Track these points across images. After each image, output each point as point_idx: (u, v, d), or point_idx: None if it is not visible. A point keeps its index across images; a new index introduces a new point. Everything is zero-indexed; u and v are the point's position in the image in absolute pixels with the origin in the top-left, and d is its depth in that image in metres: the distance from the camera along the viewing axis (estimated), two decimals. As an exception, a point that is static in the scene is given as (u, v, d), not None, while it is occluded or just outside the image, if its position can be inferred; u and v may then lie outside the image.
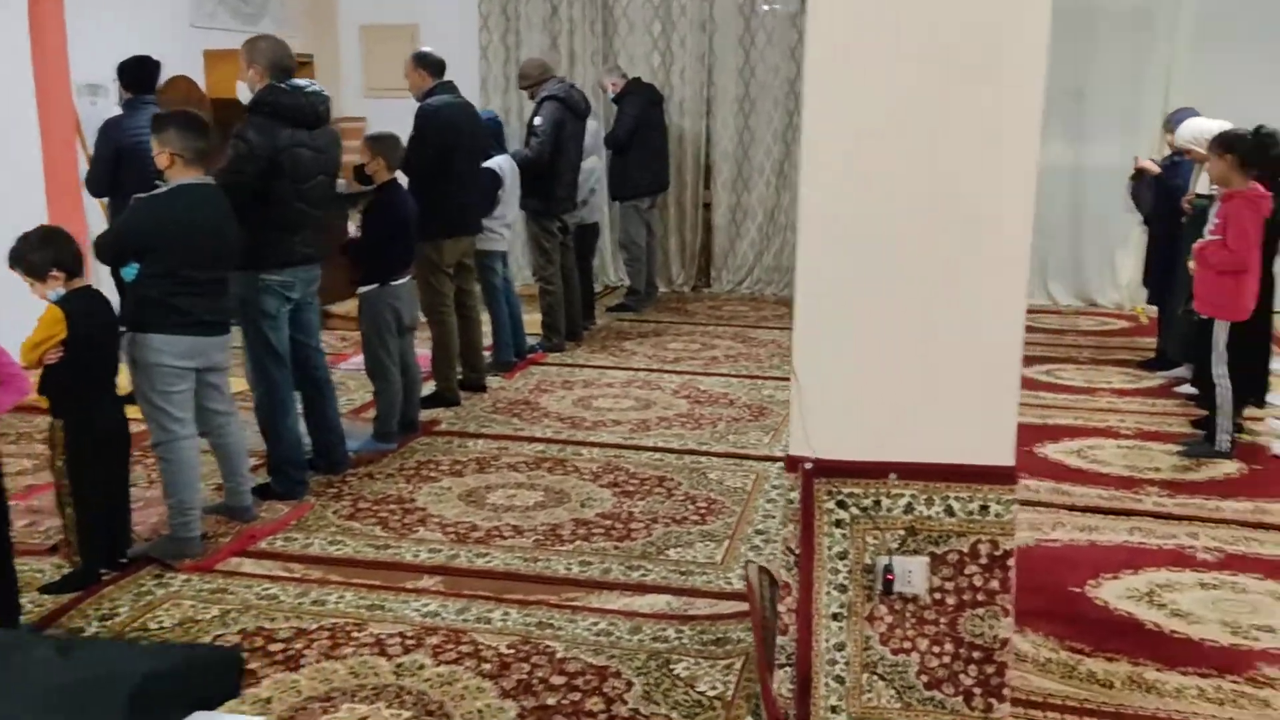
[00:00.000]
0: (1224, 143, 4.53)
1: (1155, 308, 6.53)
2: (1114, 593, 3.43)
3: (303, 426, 4.38)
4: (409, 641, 3.13)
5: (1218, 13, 7.74)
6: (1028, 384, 6.01)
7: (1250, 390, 4.97)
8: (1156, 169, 6.15)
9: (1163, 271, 6.13)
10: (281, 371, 4.15)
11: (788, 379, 3.06)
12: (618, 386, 5.93)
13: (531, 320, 6.68)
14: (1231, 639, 3.13)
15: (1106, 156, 8.10)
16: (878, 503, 2.54)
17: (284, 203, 4.04)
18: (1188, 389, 5.71)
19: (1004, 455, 2.49)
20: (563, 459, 4.74)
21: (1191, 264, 4.88)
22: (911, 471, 2.51)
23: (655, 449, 4.87)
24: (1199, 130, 5.68)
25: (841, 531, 2.56)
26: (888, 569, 2.53)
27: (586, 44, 8.74)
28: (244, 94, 4.16)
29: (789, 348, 2.61)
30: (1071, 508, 4.14)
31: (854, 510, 2.55)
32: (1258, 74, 7.79)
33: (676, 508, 4.18)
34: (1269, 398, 5.22)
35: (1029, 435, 5.02)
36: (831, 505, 2.56)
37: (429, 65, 5.42)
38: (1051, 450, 4.84)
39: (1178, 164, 6.03)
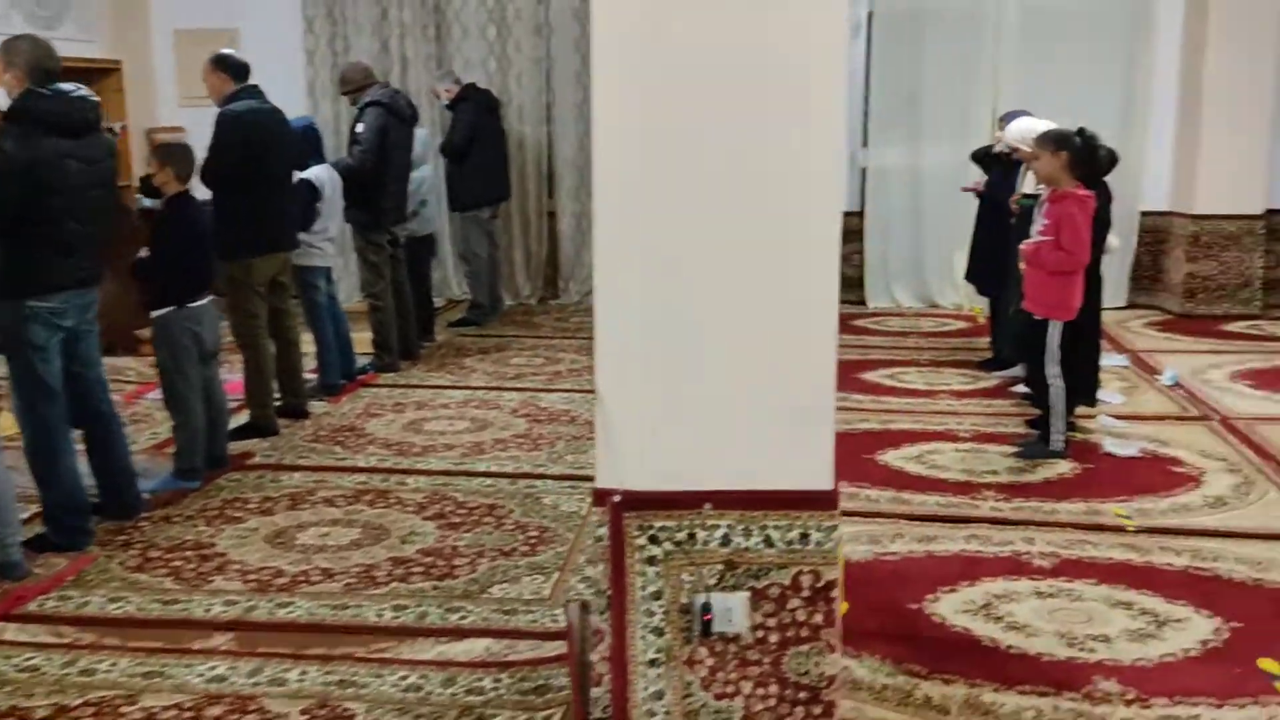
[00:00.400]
0: (1056, 141, 4.53)
1: (985, 307, 6.58)
2: (951, 607, 3.33)
3: (86, 467, 3.95)
4: (186, 714, 2.77)
5: (1041, 11, 7.93)
6: (871, 388, 6.02)
7: (1082, 389, 5.00)
8: (980, 188, 6.24)
9: (990, 271, 6.18)
10: (53, 408, 3.71)
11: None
12: (453, 407, 5.62)
13: (363, 339, 6.31)
14: (1068, 651, 3.04)
15: (943, 157, 8.20)
16: (692, 536, 2.33)
17: (51, 221, 3.62)
18: (1022, 389, 5.75)
19: (822, 479, 2.32)
20: (386, 490, 4.42)
21: (1022, 264, 4.89)
22: (727, 500, 2.32)
23: (487, 474, 4.59)
24: (1026, 129, 5.72)
25: (655, 569, 2.35)
26: (706, 608, 2.32)
27: (419, 49, 8.38)
28: (0, 100, 3.72)
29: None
30: (910, 517, 4.04)
31: (667, 545, 2.34)
32: (1082, 74, 8.01)
33: (505, 538, 3.91)
34: (1100, 395, 5.27)
35: (871, 442, 4.94)
36: (643, 541, 2.34)
37: (229, 68, 5.01)
38: (892, 457, 4.75)
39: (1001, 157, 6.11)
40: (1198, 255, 7.78)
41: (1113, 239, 5.34)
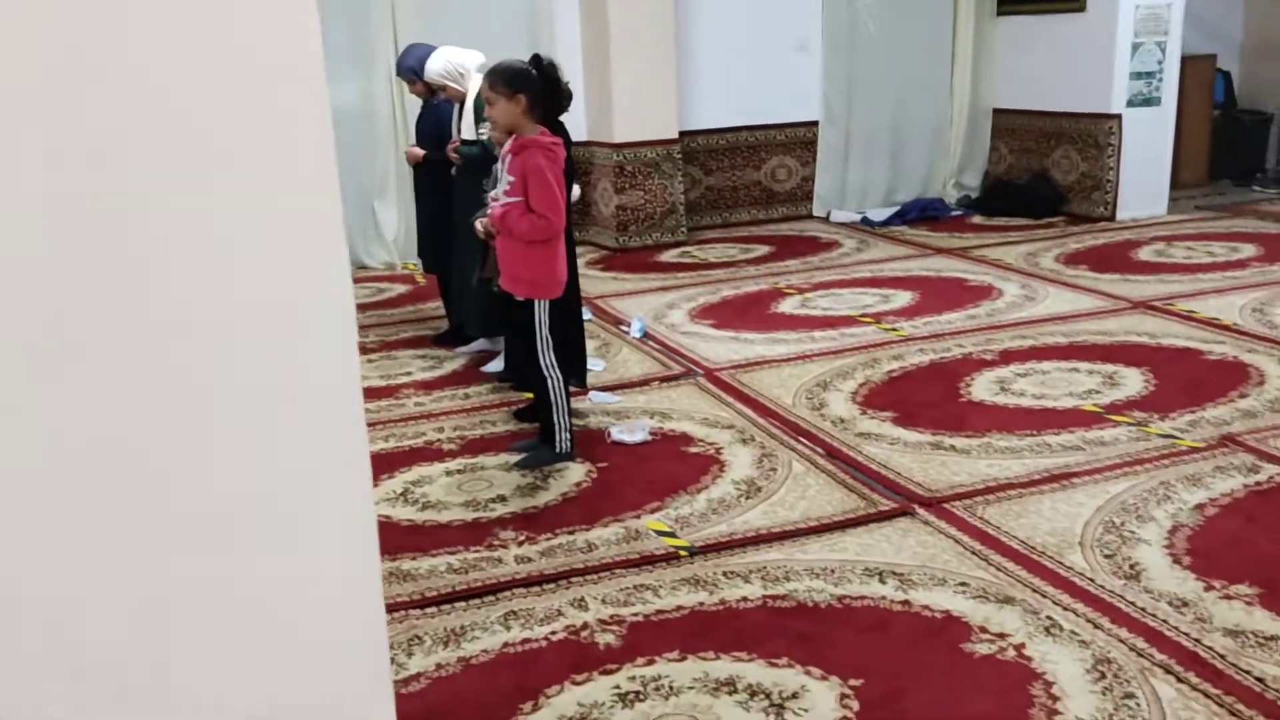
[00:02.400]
0: (511, 81, 3.62)
1: (433, 275, 5.64)
2: (520, 750, 2.38)
3: None
4: None
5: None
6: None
7: (571, 367, 4.28)
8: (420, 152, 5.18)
9: (433, 232, 5.24)
10: None
11: None
12: None
13: None
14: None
15: (349, 98, 7.05)
16: None
17: None
18: (495, 367, 4.94)
19: None
20: None
21: (480, 226, 4.00)
22: None
23: None
24: (455, 62, 4.80)
25: None
26: None
27: None
28: None
29: None
30: (404, 609, 3.01)
31: None
32: (486, 6, 7.28)
33: None
34: (590, 366, 4.61)
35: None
36: None
37: None
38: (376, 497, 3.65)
39: (436, 106, 5.12)
40: (624, 186, 7.53)
41: (575, 189, 4.66)
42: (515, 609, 2.94)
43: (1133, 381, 4.45)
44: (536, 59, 3.70)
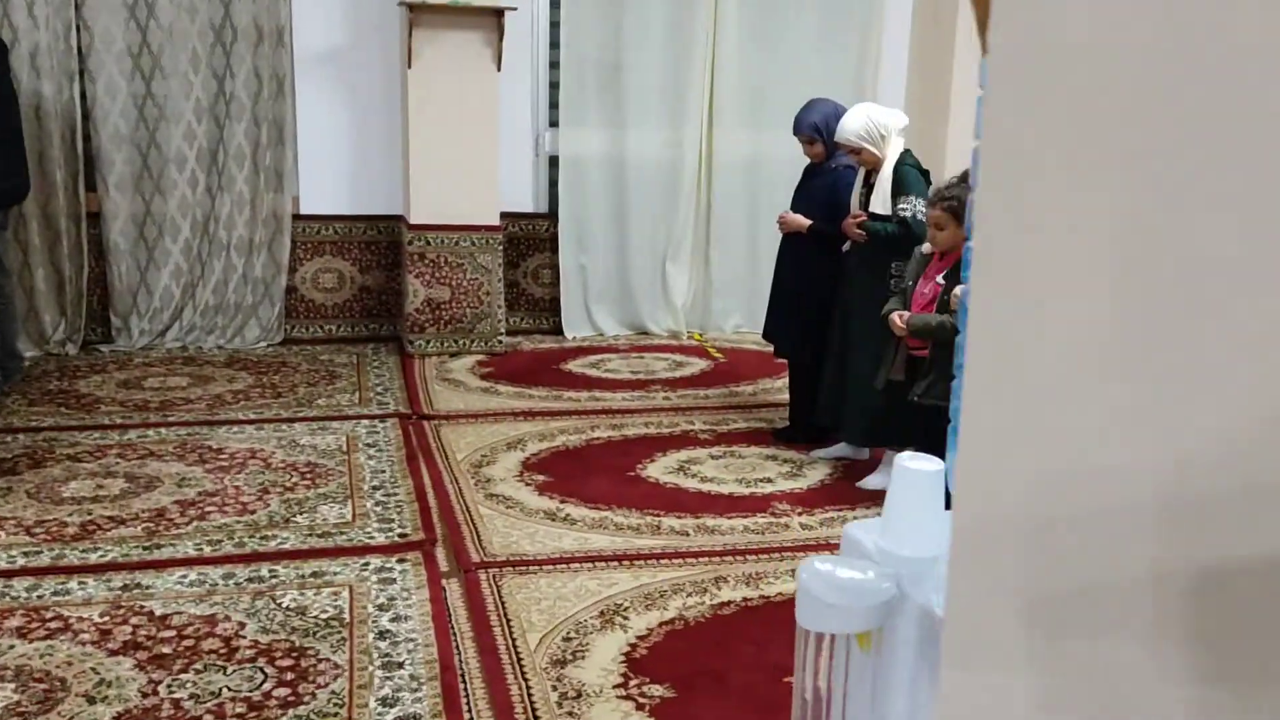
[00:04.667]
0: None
1: (784, 359, 4.86)
2: None
3: None
4: None
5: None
6: (675, 500, 3.96)
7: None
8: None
9: (799, 312, 4.47)
10: None
11: None
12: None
13: None
14: None
15: (649, 147, 6.42)
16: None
17: None
18: (877, 483, 4.12)
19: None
20: None
21: (899, 321, 3.32)
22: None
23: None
24: (878, 122, 4.05)
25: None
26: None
27: None
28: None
29: None
30: None
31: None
32: (810, 48, 6.56)
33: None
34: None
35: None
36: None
37: None
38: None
39: (835, 170, 4.37)
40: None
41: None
42: None
43: None
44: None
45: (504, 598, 3.13)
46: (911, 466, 1.41)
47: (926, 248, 3.81)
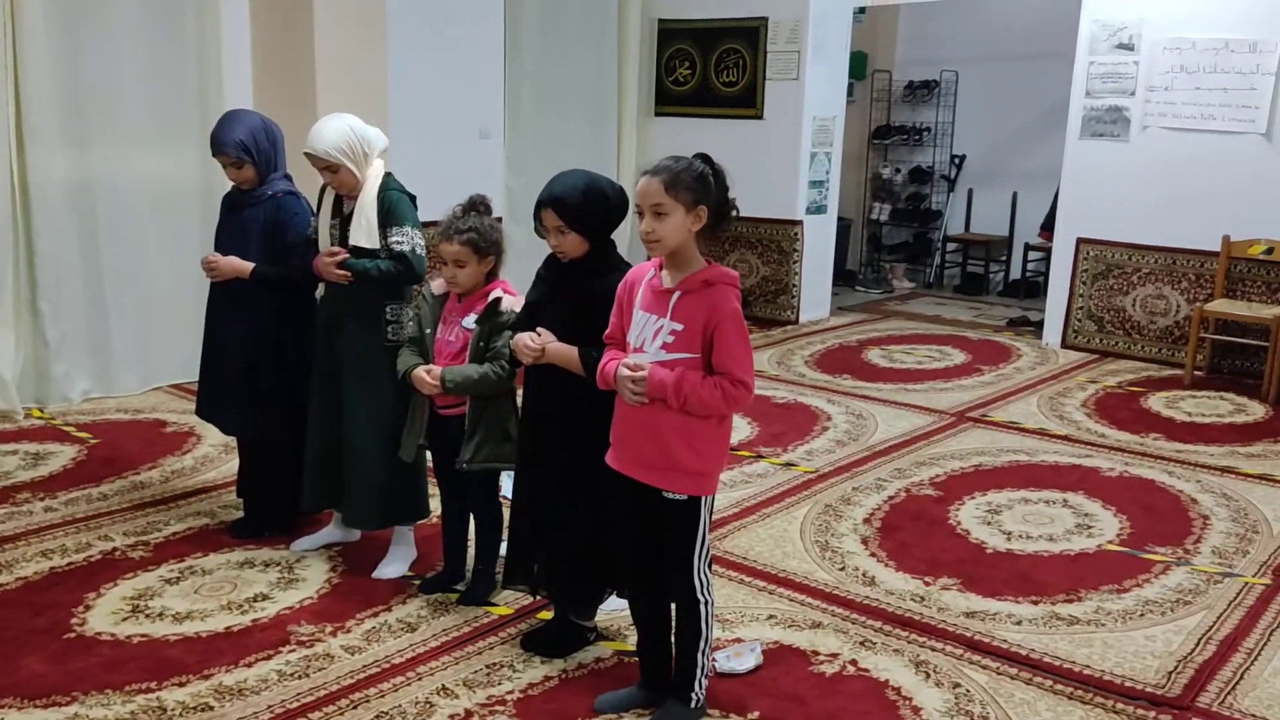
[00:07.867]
0: (694, 185, 2.46)
1: (236, 436, 3.86)
2: None
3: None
4: None
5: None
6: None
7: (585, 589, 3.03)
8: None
9: (252, 379, 3.59)
10: None
11: None
12: None
13: None
14: None
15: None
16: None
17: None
18: (393, 571, 3.45)
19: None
20: None
21: (428, 379, 2.87)
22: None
23: None
24: (362, 137, 3.35)
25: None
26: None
27: None
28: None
29: None
30: None
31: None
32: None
33: None
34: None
35: None
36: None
37: None
38: None
39: (275, 199, 3.51)
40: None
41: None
42: None
43: (1102, 514, 4.23)
44: (706, 158, 2.56)
45: None
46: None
47: (438, 286, 3.24)
